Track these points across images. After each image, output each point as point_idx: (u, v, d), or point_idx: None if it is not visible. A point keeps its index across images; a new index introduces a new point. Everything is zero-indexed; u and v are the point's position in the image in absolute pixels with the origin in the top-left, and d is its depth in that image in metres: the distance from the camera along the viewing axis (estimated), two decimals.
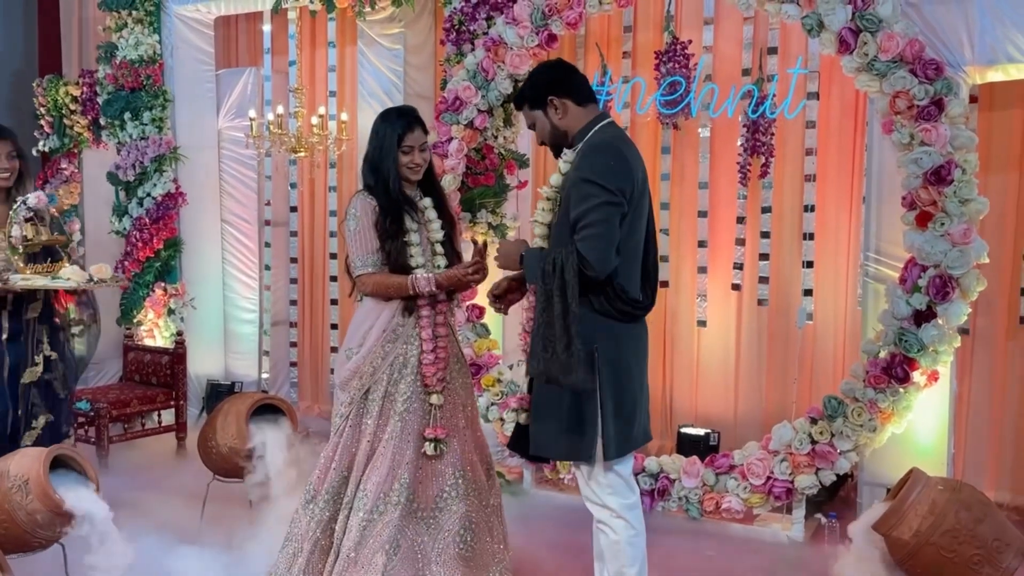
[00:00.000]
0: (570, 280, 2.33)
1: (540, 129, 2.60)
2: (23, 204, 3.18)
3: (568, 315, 2.33)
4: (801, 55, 4.13)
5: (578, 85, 2.56)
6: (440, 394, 2.84)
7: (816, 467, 3.56)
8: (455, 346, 2.95)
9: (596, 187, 2.35)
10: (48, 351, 3.35)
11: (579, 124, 2.53)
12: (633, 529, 2.51)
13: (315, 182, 5.62)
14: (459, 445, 2.88)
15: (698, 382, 4.67)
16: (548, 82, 2.56)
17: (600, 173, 2.37)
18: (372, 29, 4.96)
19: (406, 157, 2.79)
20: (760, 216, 4.39)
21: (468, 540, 2.82)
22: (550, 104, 2.53)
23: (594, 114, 2.55)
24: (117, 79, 5.53)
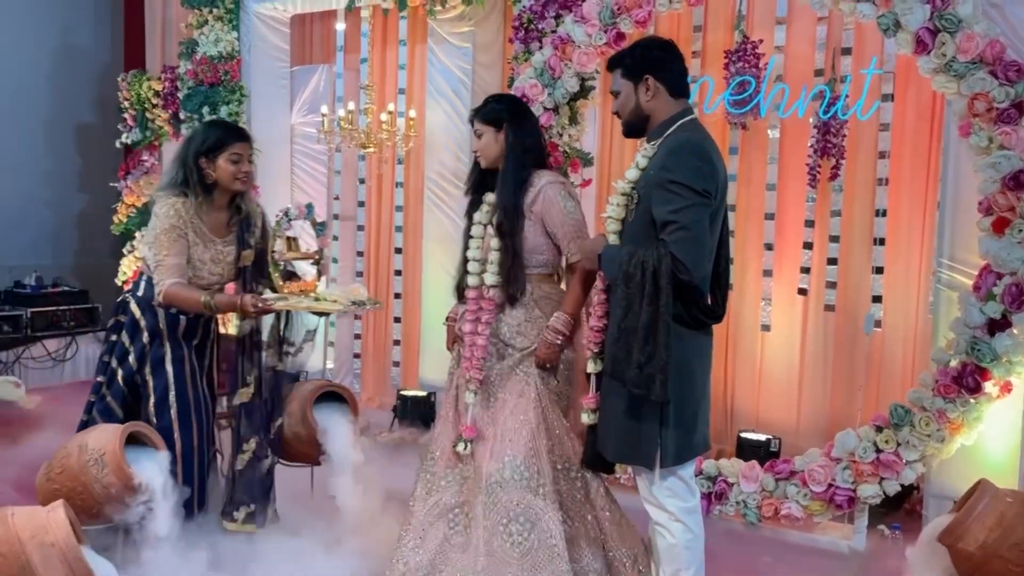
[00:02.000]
0: (664, 286, 2.25)
1: (623, 101, 2.51)
2: (285, 216, 2.96)
3: (658, 323, 2.25)
4: (876, 55, 4.04)
5: (678, 75, 2.48)
6: (472, 392, 2.82)
7: (880, 476, 3.48)
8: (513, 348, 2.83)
9: (686, 188, 2.28)
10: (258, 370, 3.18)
11: (664, 114, 2.45)
12: (691, 533, 2.47)
13: (383, 178, 5.72)
14: (519, 436, 2.75)
15: (760, 387, 4.61)
16: (652, 60, 2.45)
17: (689, 174, 2.29)
18: (442, 27, 5.03)
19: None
20: (829, 220, 4.30)
21: (515, 533, 2.68)
22: (644, 82, 2.44)
23: (682, 107, 2.47)
24: (197, 75, 5.73)
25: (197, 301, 2.89)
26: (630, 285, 2.30)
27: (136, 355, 3.06)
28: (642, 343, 2.27)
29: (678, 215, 2.27)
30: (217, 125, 3.23)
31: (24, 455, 4.30)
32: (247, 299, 2.88)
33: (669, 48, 2.53)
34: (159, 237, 2.94)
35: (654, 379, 2.27)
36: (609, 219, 2.49)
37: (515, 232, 2.77)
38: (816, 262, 4.38)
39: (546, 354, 2.78)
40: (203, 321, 3.17)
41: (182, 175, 2.99)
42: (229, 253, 3.11)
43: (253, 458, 3.14)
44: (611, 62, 2.56)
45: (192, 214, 2.99)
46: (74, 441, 2.83)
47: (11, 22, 6.34)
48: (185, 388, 3.07)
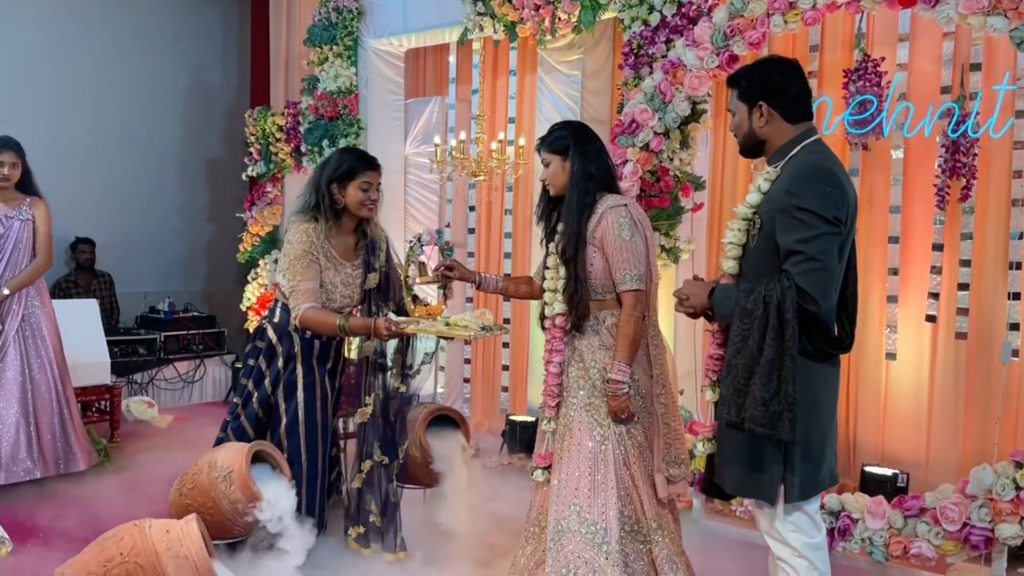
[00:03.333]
0: (790, 320, 2.14)
1: (738, 123, 2.45)
2: (418, 242, 3.06)
3: (784, 358, 2.16)
4: (1008, 70, 3.84)
5: (796, 100, 2.38)
6: (550, 420, 2.80)
7: (1020, 516, 3.25)
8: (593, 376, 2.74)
9: (813, 216, 2.17)
10: (379, 390, 3.22)
11: (782, 139, 2.37)
12: (816, 571, 2.34)
13: (492, 205, 5.81)
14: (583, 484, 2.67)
15: (885, 419, 4.39)
16: (767, 85, 2.37)
17: (815, 201, 2.17)
18: (551, 56, 5.09)
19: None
20: (959, 243, 4.08)
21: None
22: (758, 108, 2.37)
23: (802, 130, 2.37)
24: (318, 109, 5.99)
25: (332, 324, 2.96)
26: (747, 321, 2.22)
27: (271, 379, 3.17)
28: (766, 379, 2.17)
29: (806, 245, 2.17)
30: (350, 152, 3.28)
31: (157, 471, 4.55)
32: (380, 322, 2.93)
33: (789, 72, 2.40)
34: (293, 263, 3.03)
35: (781, 417, 2.16)
36: (730, 244, 2.41)
37: (578, 259, 2.73)
38: (945, 288, 4.16)
39: (616, 406, 2.69)
40: (335, 344, 3.26)
41: (314, 199, 3.10)
42: (358, 276, 3.20)
43: (374, 479, 3.18)
44: (730, 79, 2.50)
45: (322, 239, 3.08)
46: (204, 458, 2.97)
47: (147, 64, 6.81)
48: (314, 413, 3.16)
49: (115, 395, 5.28)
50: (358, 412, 3.19)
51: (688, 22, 4.23)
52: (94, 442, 4.66)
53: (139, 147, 6.78)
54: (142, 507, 3.81)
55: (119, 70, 6.65)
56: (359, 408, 3.20)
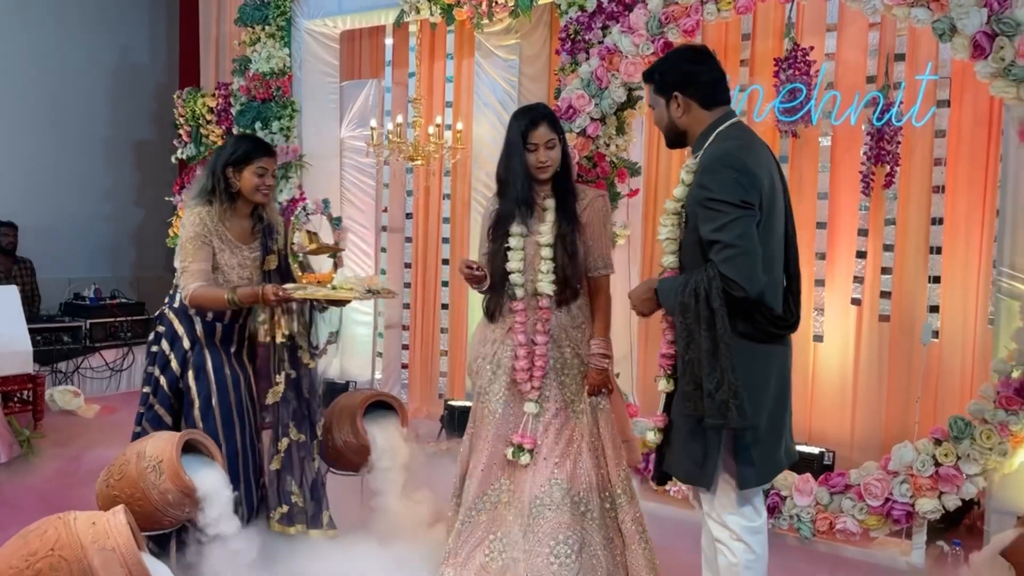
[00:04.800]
0: (717, 308, 2.18)
1: (658, 116, 2.47)
2: (303, 211, 3.13)
3: (718, 348, 2.18)
4: (931, 61, 3.96)
5: (709, 86, 2.39)
6: (536, 403, 2.79)
7: (939, 491, 3.39)
8: (566, 354, 2.84)
9: (723, 204, 2.19)
10: (288, 368, 3.22)
11: (700, 126, 2.38)
12: (753, 554, 2.38)
13: (430, 190, 5.78)
14: (565, 457, 2.78)
15: (813, 399, 4.53)
16: (678, 75, 2.39)
17: (723, 189, 2.20)
18: (489, 41, 5.07)
19: (531, 155, 2.76)
20: (883, 228, 4.22)
21: (562, 554, 2.69)
22: (673, 99, 2.39)
23: (718, 115, 2.38)
24: (250, 91, 5.85)
25: (221, 298, 3.00)
26: (687, 315, 2.24)
27: (179, 362, 3.16)
28: (709, 371, 2.20)
29: (721, 233, 2.19)
30: (246, 139, 3.36)
31: (83, 462, 4.42)
32: (268, 288, 2.98)
33: (699, 59, 2.43)
34: (185, 244, 3.08)
35: (728, 405, 2.18)
36: (666, 240, 2.45)
37: (576, 239, 2.81)
38: (870, 272, 4.29)
39: (600, 379, 2.83)
40: (238, 328, 3.26)
41: (210, 183, 3.13)
42: (256, 259, 3.22)
43: (292, 458, 3.21)
44: (645, 75, 2.51)
45: (216, 221, 3.11)
46: (132, 448, 2.89)
47: (71, 44, 6.56)
48: (227, 393, 3.15)
49: (38, 384, 5.11)
50: (270, 392, 3.21)
51: (624, 8, 4.25)
52: (16, 433, 4.51)
53: (63, 129, 6.54)
54: (67, 499, 3.69)
55: (42, 50, 6.40)
56: (269, 389, 3.22)
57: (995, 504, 3.53)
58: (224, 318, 3.17)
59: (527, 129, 2.75)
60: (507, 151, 2.81)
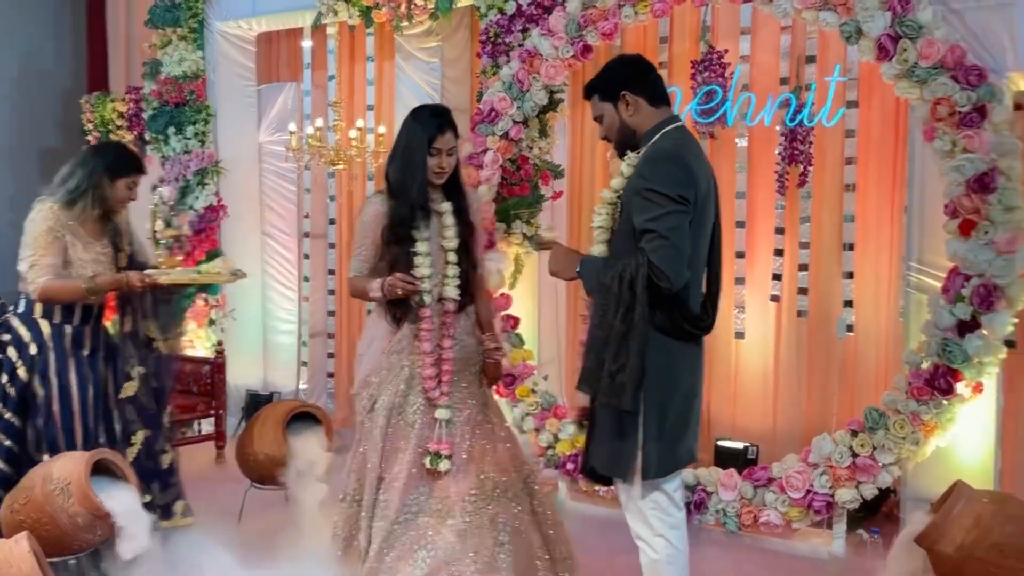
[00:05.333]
0: (640, 294, 2.22)
1: (608, 124, 2.50)
2: (159, 198, 3.21)
3: (631, 333, 2.23)
4: (839, 63, 4.09)
5: (653, 84, 2.47)
6: (447, 408, 2.78)
7: (857, 481, 3.49)
8: (470, 354, 2.87)
9: (661, 196, 2.25)
10: (139, 366, 3.26)
11: (648, 124, 2.43)
12: (673, 548, 2.41)
13: (353, 194, 5.69)
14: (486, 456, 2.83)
15: (736, 395, 4.62)
16: (624, 76, 2.46)
17: (663, 182, 2.26)
18: (409, 43, 5.02)
19: (433, 160, 2.72)
20: (799, 226, 4.33)
21: (505, 542, 2.74)
22: (622, 99, 2.43)
23: (665, 116, 2.45)
24: (162, 95, 5.67)
25: (75, 287, 3.01)
26: (606, 296, 2.28)
27: (26, 368, 3.11)
28: (615, 352, 2.25)
29: (656, 223, 2.25)
30: (126, 151, 3.41)
31: None
32: (133, 275, 3.02)
33: (638, 62, 2.53)
34: (36, 239, 3.05)
35: (624, 388, 2.24)
36: (599, 229, 2.50)
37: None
38: (787, 269, 4.40)
39: (498, 372, 2.97)
40: (91, 330, 3.21)
41: (84, 186, 3.12)
42: (109, 254, 3.22)
43: (146, 451, 3.22)
44: (586, 90, 2.55)
45: (69, 219, 3.10)
46: (37, 471, 2.76)
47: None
48: (70, 398, 3.11)
49: None
50: (123, 388, 3.22)
51: (543, 11, 4.26)
52: None
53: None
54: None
55: None
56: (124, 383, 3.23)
57: (909, 492, 3.66)
58: (73, 319, 3.14)
59: (435, 134, 2.72)
60: (406, 153, 2.74)
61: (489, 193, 4.32)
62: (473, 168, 4.33)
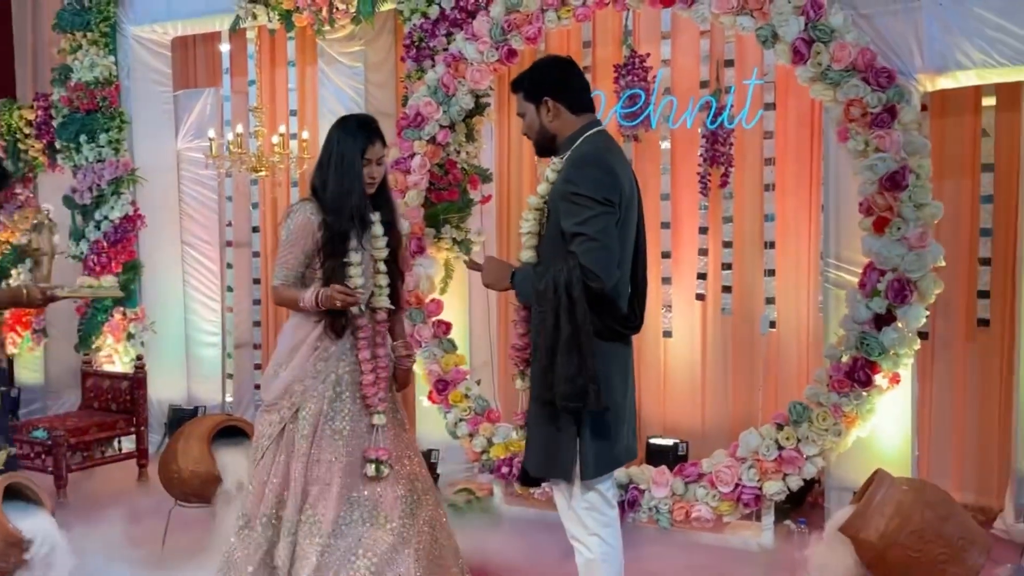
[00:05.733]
0: (578, 297, 2.26)
1: (528, 123, 2.53)
2: (47, 215, 3.10)
3: (580, 334, 2.26)
4: (757, 66, 4.20)
5: (577, 92, 2.49)
6: (382, 414, 2.79)
7: (783, 473, 3.58)
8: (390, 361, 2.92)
9: (588, 199, 2.29)
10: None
11: (569, 131, 2.47)
12: (608, 546, 2.45)
13: (277, 201, 5.58)
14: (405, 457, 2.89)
15: (665, 392, 4.69)
16: (548, 81, 2.48)
17: (588, 185, 2.30)
18: (332, 48, 4.95)
19: (364, 170, 2.71)
20: (722, 226, 4.43)
21: (439, 537, 2.86)
22: (544, 104, 2.46)
23: (587, 121, 2.48)
24: (72, 101, 5.46)
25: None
26: (543, 303, 2.30)
27: None
28: (567, 356, 2.27)
29: (584, 226, 2.28)
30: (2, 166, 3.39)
31: None
32: (35, 289, 2.97)
33: (567, 67, 2.55)
34: None
35: (587, 389, 2.27)
36: (527, 235, 2.52)
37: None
38: (712, 268, 4.50)
39: (409, 378, 3.03)
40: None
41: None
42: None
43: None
44: (513, 85, 2.57)
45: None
46: None
47: None
48: None
49: None
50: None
51: (467, 15, 4.26)
52: None
53: None
54: None
55: None
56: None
57: (833, 482, 3.77)
58: None
59: (366, 145, 2.70)
60: (341, 165, 2.70)
61: (417, 198, 4.29)
62: (401, 173, 4.29)
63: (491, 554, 3.50)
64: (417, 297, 4.34)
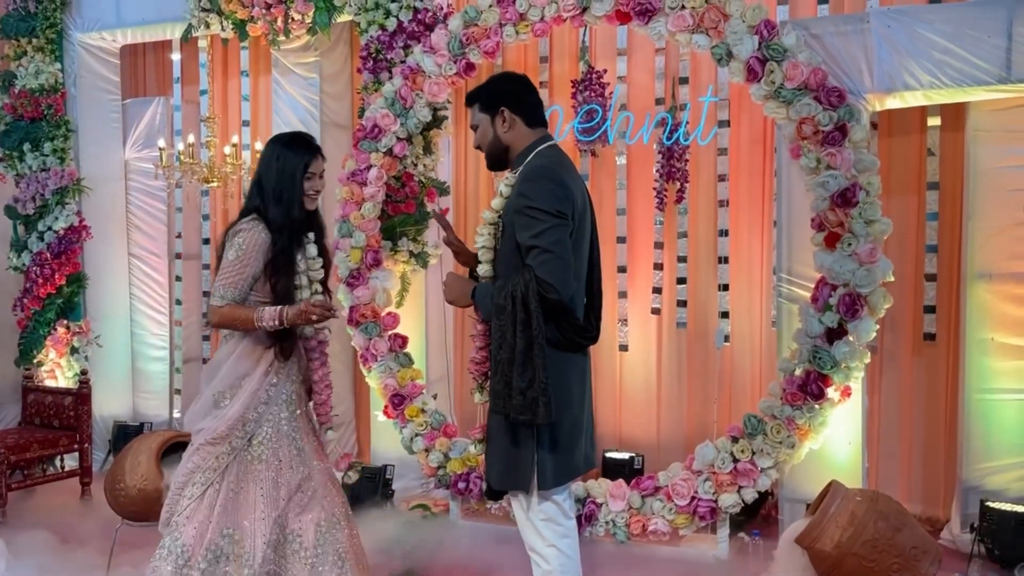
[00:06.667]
0: (534, 310, 2.28)
1: (482, 134, 2.56)
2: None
3: (533, 347, 2.28)
4: (712, 84, 4.27)
5: (534, 107, 2.54)
6: (331, 428, 2.82)
7: (739, 485, 3.61)
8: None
9: (542, 212, 2.32)
10: None
11: (523, 144, 2.51)
12: (565, 556, 2.44)
13: (229, 213, 5.48)
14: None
15: (621, 406, 4.71)
16: (505, 93, 2.52)
17: (542, 199, 2.33)
18: (287, 58, 4.90)
19: (308, 183, 2.68)
20: (677, 241, 4.48)
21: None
22: (500, 114, 2.49)
23: (540, 135, 2.52)
24: (16, 109, 5.30)
25: None
26: (502, 317, 2.32)
27: None
28: (521, 369, 2.29)
29: (539, 239, 2.31)
30: None
31: None
32: None
33: (522, 82, 2.61)
34: None
35: (537, 403, 2.28)
36: (482, 249, 2.54)
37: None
38: (667, 282, 4.54)
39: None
40: None
41: None
42: None
43: None
44: (468, 97, 2.61)
45: None
46: None
47: None
48: None
49: None
50: None
51: (425, 28, 4.26)
52: None
53: None
54: None
55: None
56: None
57: (787, 494, 3.82)
58: None
59: (310, 159, 2.68)
60: (283, 180, 2.64)
61: (374, 211, 4.26)
62: (357, 185, 4.26)
63: (448, 569, 3.46)
64: (373, 311, 4.30)
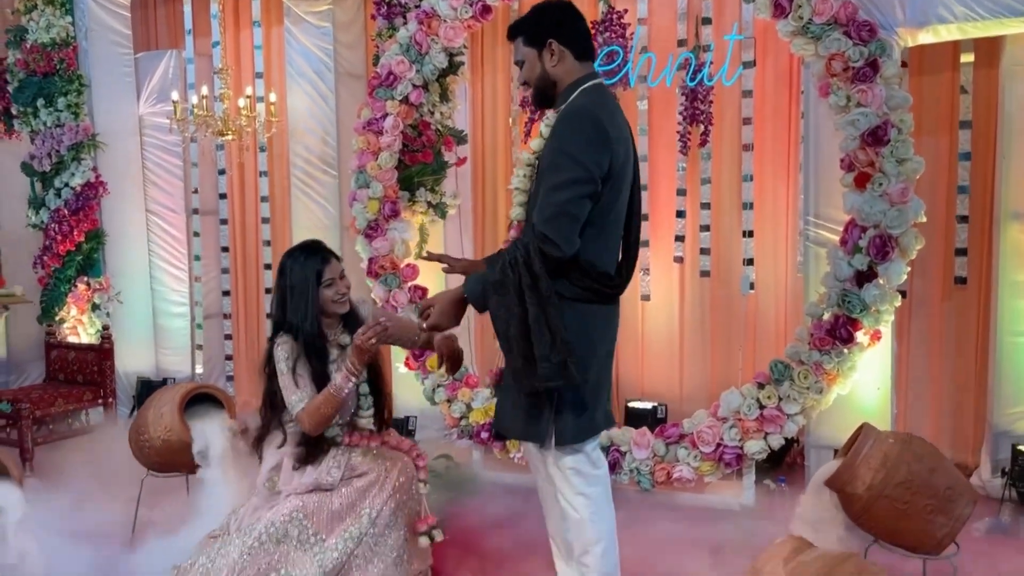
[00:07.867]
0: (539, 271, 2.16)
1: (529, 70, 2.39)
2: None
3: (547, 308, 2.16)
4: (736, 22, 4.13)
5: (583, 36, 2.35)
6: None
7: (765, 432, 3.57)
8: None
9: (569, 160, 2.17)
10: None
11: (570, 78, 2.33)
12: (595, 505, 2.39)
13: (245, 167, 5.43)
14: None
15: (644, 356, 4.66)
16: (553, 23, 2.33)
17: (575, 144, 2.18)
18: (298, 7, 4.81)
19: (330, 290, 2.66)
20: (700, 187, 4.38)
21: None
22: (548, 47, 2.32)
23: (587, 71, 2.35)
24: (28, 64, 5.25)
25: None
26: (505, 290, 2.20)
27: None
28: (539, 336, 2.17)
29: (555, 192, 2.17)
30: None
31: None
32: None
33: (569, 9, 2.38)
34: None
35: (566, 365, 2.17)
36: (516, 190, 2.45)
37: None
38: (690, 230, 4.45)
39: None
40: None
41: None
42: None
43: None
44: (511, 30, 2.43)
45: None
46: None
47: None
48: None
49: None
50: None
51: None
52: None
53: None
54: None
55: None
56: None
57: (813, 440, 3.77)
58: None
59: (322, 267, 2.64)
60: (298, 293, 2.63)
61: (391, 160, 4.19)
62: (373, 135, 4.19)
63: (471, 518, 3.46)
64: (392, 262, 4.25)
